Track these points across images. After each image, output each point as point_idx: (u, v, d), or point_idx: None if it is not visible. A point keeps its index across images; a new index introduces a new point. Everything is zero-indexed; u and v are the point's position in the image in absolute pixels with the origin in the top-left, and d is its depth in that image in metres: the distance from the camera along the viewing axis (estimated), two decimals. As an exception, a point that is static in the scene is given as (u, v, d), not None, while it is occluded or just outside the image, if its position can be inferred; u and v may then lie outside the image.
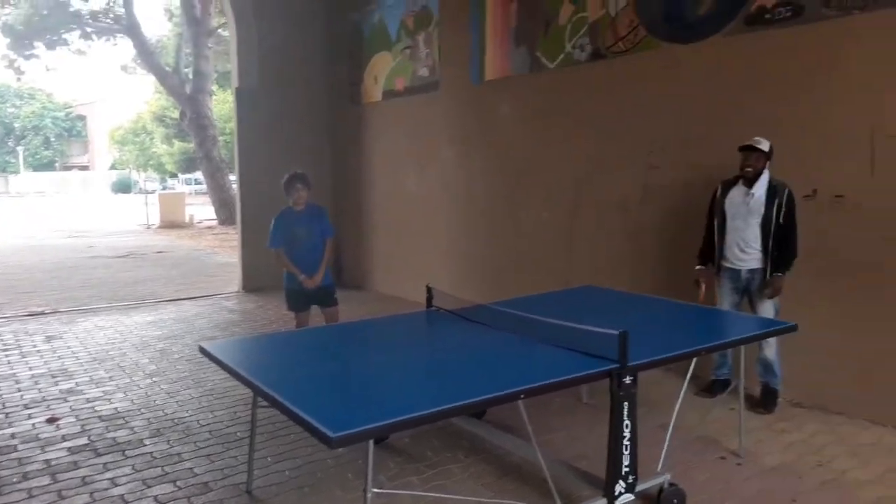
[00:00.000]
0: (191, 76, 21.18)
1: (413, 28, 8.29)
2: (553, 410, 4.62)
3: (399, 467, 3.88)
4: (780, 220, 4.40)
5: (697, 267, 4.81)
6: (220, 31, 21.41)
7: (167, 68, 22.36)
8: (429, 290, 4.27)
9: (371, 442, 2.59)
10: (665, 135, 5.50)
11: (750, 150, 4.46)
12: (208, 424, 4.57)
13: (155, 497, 3.56)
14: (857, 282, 4.42)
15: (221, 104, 28.26)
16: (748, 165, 4.47)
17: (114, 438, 4.34)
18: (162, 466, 3.92)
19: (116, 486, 3.70)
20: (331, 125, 9.96)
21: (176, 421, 4.64)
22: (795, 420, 4.46)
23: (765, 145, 4.44)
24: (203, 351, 3.45)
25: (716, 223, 4.70)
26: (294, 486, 3.68)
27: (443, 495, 3.49)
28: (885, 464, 3.81)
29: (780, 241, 4.42)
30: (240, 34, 9.34)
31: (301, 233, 5.23)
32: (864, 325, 4.40)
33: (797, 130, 4.64)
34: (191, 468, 3.91)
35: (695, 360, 3.51)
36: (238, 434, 4.37)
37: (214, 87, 26.74)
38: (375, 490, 2.81)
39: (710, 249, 4.76)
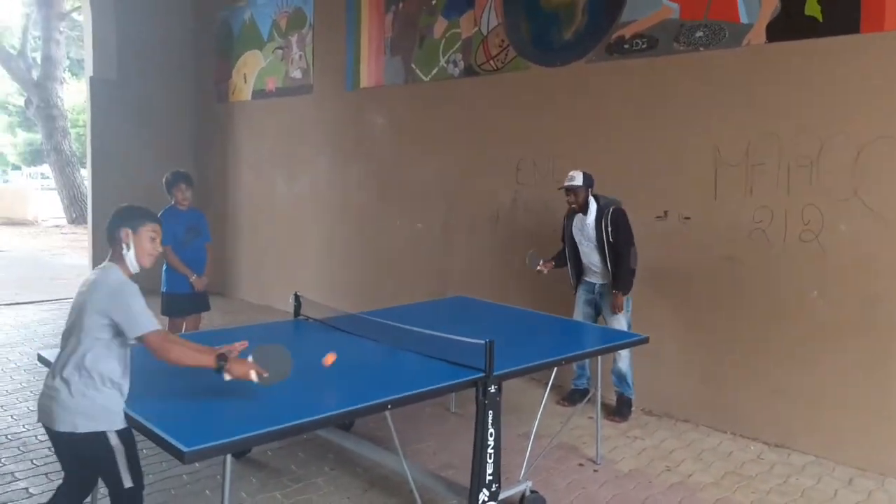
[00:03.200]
0: (39, 61, 19.52)
1: (286, 29, 8.10)
2: (423, 420, 4.63)
3: (261, 482, 3.74)
4: (610, 239, 4.64)
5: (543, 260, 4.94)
6: (73, 14, 19.89)
7: (11, 50, 20.49)
8: (297, 298, 4.17)
9: (228, 457, 2.47)
10: (533, 152, 5.69)
11: (568, 189, 4.70)
12: (48, 440, 4.17)
13: (-19, 523, 3.23)
14: (699, 297, 4.77)
15: (75, 94, 26.19)
16: (569, 202, 4.76)
17: (-67, 459, 3.88)
18: (-9, 488, 3.55)
19: (-66, 512, 3.31)
20: (195, 122, 9.51)
21: (10, 437, 4.22)
22: (647, 427, 4.73)
23: (578, 180, 4.66)
24: (42, 360, 3.15)
25: (567, 247, 4.93)
26: (144, 505, 3.44)
27: (306, 510, 3.40)
28: (724, 467, 4.13)
29: (614, 258, 4.66)
30: (95, 20, 8.74)
31: (186, 233, 5.06)
32: (705, 339, 4.75)
33: (651, 154, 4.95)
34: (25, 488, 3.58)
35: (555, 369, 3.64)
36: (82, 451, 4.03)
37: (66, 75, 24.79)
38: (234, 507, 2.69)
39: (560, 259, 4.98)
